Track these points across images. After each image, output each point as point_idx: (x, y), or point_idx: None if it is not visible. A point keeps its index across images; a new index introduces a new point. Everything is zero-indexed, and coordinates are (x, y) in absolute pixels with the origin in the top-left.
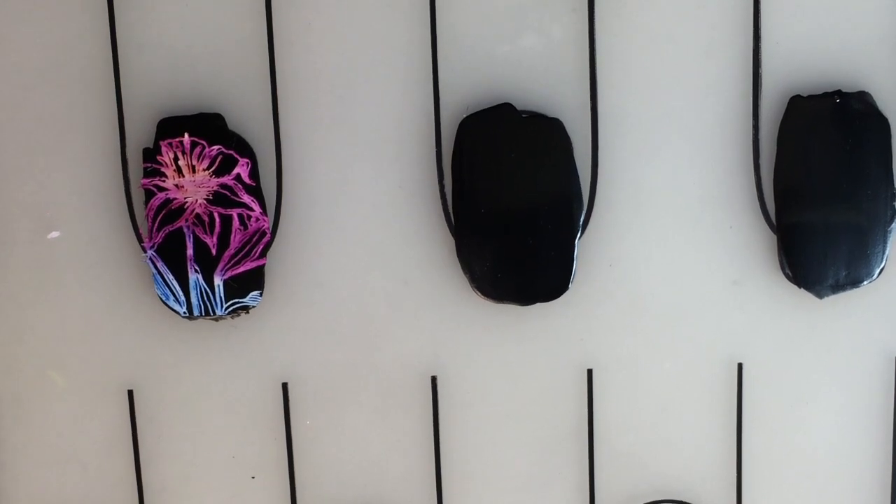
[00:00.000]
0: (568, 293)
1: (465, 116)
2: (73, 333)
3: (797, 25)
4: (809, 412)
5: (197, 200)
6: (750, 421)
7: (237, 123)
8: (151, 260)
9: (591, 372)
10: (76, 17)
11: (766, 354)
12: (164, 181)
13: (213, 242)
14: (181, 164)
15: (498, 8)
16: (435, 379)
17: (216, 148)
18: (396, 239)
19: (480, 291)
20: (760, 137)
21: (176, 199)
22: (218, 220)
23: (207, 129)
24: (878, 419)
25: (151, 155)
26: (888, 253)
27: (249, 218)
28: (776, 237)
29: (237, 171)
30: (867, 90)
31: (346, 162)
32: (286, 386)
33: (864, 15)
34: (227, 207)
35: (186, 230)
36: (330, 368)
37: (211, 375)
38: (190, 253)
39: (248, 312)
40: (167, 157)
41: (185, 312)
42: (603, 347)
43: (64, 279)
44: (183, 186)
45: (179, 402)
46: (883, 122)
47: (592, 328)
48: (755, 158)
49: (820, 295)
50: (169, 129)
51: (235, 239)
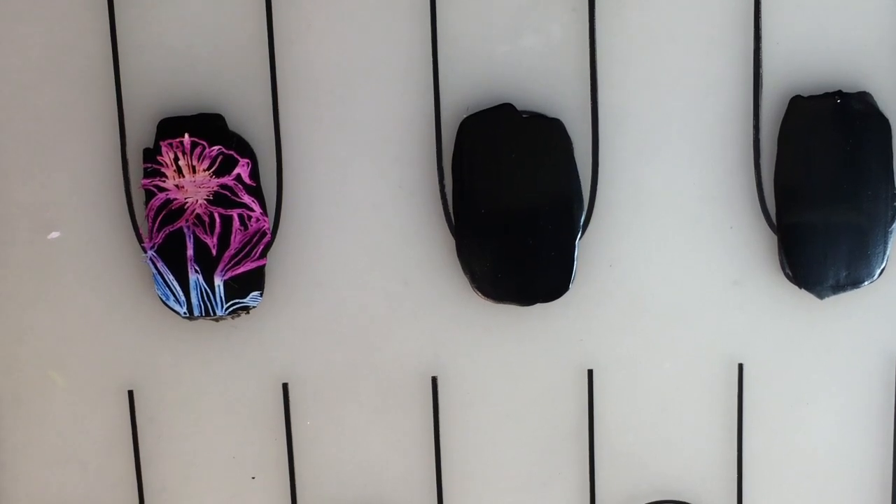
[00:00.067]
0: (568, 293)
1: (465, 117)
2: (73, 333)
3: (798, 25)
4: (810, 412)
5: (197, 201)
6: (750, 421)
7: (237, 124)
8: (152, 260)
9: (591, 372)
10: (76, 16)
11: (766, 354)
12: (164, 181)
13: (213, 243)
14: (181, 164)
15: (498, 8)
16: (435, 379)
17: (216, 148)
18: (396, 239)
19: (480, 291)
20: (761, 137)
21: (176, 199)
22: (218, 220)
23: (208, 129)
24: (878, 419)
25: (152, 155)
26: (889, 253)
27: (250, 218)
28: (776, 237)
29: (237, 171)
30: (868, 90)
31: (346, 162)
32: (286, 386)
33: (864, 15)
34: (227, 208)
35: (187, 230)
36: (330, 368)
37: (211, 375)
38: (190, 253)
39: (248, 313)
40: (167, 157)
41: (185, 313)
42: (603, 347)
43: (64, 279)
44: (183, 187)
45: (179, 402)
46: (883, 122)
47: (592, 328)
48: (756, 158)
49: (820, 295)
50: (169, 129)
51: (236, 239)
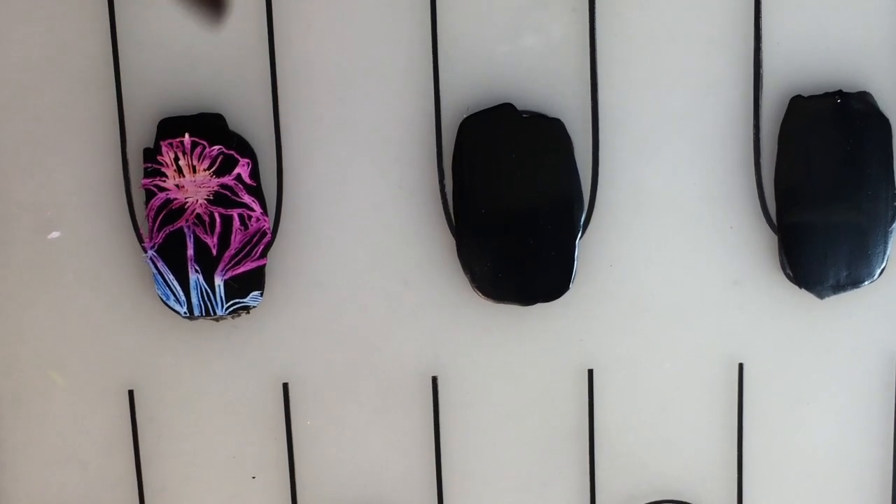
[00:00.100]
0: (568, 293)
1: (465, 116)
2: (73, 333)
3: (798, 25)
4: (810, 412)
5: (197, 200)
6: (750, 421)
7: (237, 123)
8: (152, 260)
9: (591, 372)
10: (76, 16)
11: (766, 354)
12: (164, 181)
13: (213, 242)
14: (182, 164)
15: (498, 8)
16: (435, 379)
17: (217, 148)
18: (396, 239)
19: (481, 291)
20: (761, 137)
21: (176, 199)
22: (218, 220)
23: (208, 129)
24: (878, 419)
25: (152, 155)
26: (889, 253)
27: (250, 218)
28: (777, 237)
29: (238, 171)
30: (868, 90)
31: (346, 162)
32: (286, 386)
33: (864, 15)
34: (227, 207)
35: (187, 230)
36: (330, 368)
37: (211, 375)
38: (190, 253)
39: (248, 312)
40: (168, 157)
41: (185, 312)
42: (603, 347)
43: (64, 279)
44: (183, 186)
45: (179, 402)
46: (884, 122)
47: (592, 328)
48: (756, 158)
49: (821, 295)
50: (169, 129)
51: (236, 239)
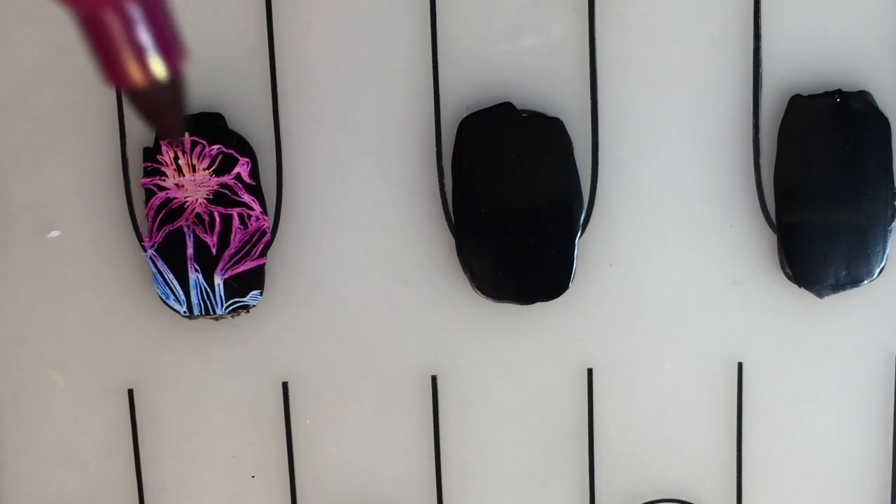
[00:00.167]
0: (568, 293)
1: (465, 116)
2: (73, 333)
3: (797, 25)
4: (809, 412)
5: (197, 200)
6: (750, 420)
7: (237, 123)
8: (151, 259)
9: (591, 371)
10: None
11: (766, 354)
12: (164, 180)
13: (213, 242)
14: (181, 163)
15: (498, 8)
16: (435, 378)
17: (216, 147)
18: (396, 239)
19: (480, 291)
20: (761, 137)
21: (176, 198)
22: (218, 219)
23: (207, 128)
24: (878, 419)
25: (151, 154)
26: (888, 252)
27: (249, 217)
28: (776, 237)
29: (237, 170)
30: (867, 89)
31: (346, 161)
32: (286, 385)
33: (864, 15)
34: (227, 207)
35: (186, 229)
36: (330, 368)
37: (211, 375)
38: (190, 252)
39: (248, 312)
40: (167, 156)
41: (185, 312)
42: (603, 347)
43: (64, 279)
44: (183, 186)
45: (179, 401)
46: (883, 121)
47: (592, 328)
48: (755, 158)
49: (820, 294)
50: None
51: (235, 238)
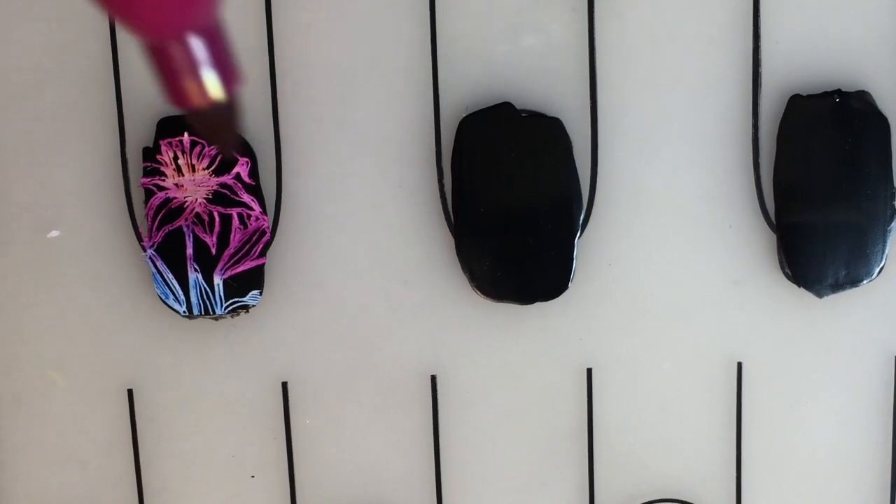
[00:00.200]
0: (567, 293)
1: (464, 116)
2: (73, 333)
3: (797, 25)
4: (809, 412)
5: (197, 199)
6: (750, 421)
7: None
8: (151, 259)
9: (590, 371)
10: (76, 16)
11: (766, 354)
12: (163, 180)
13: (212, 242)
14: (181, 163)
15: (498, 8)
16: (435, 378)
17: (216, 147)
18: (396, 239)
19: (480, 291)
20: (760, 137)
21: (176, 198)
22: (218, 219)
23: None
24: (878, 419)
25: (151, 154)
26: (888, 252)
27: (249, 217)
28: (776, 236)
29: (237, 170)
30: (867, 89)
31: (346, 161)
32: (286, 385)
33: (864, 15)
34: (226, 207)
35: (186, 229)
36: (330, 368)
37: (211, 375)
38: (190, 252)
39: (247, 312)
40: (167, 156)
41: (184, 312)
42: (603, 347)
43: (64, 279)
44: (183, 185)
45: (179, 401)
46: (882, 121)
47: (592, 328)
48: (755, 158)
49: (819, 294)
50: (169, 128)
51: (235, 238)
